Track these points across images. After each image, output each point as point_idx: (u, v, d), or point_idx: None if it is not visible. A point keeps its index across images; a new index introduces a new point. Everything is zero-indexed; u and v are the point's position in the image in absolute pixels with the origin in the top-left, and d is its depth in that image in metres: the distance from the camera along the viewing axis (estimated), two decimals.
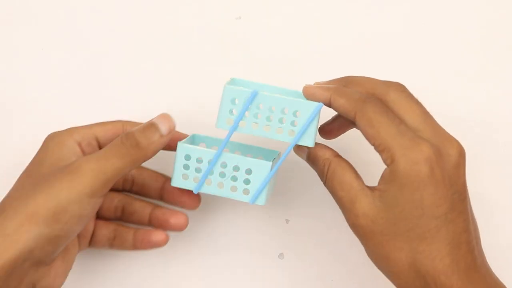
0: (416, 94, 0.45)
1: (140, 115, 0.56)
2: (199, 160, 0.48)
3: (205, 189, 0.48)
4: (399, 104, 0.43)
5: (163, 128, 0.45)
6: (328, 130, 0.50)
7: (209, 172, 0.47)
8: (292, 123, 0.47)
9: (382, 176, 0.42)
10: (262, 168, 0.47)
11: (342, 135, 0.50)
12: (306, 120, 0.46)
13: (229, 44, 0.58)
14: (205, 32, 0.59)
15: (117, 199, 0.51)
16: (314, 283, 0.51)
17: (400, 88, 0.45)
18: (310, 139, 0.47)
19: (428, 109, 0.44)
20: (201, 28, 0.59)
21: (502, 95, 0.56)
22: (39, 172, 0.45)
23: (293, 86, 0.57)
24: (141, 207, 0.51)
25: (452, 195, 0.41)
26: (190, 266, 0.51)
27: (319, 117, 0.47)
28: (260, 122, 0.47)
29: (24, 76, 0.57)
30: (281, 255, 0.52)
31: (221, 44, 0.58)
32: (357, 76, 0.47)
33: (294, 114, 0.47)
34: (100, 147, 0.48)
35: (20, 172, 0.49)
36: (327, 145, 0.47)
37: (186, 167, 0.48)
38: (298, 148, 0.47)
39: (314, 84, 0.47)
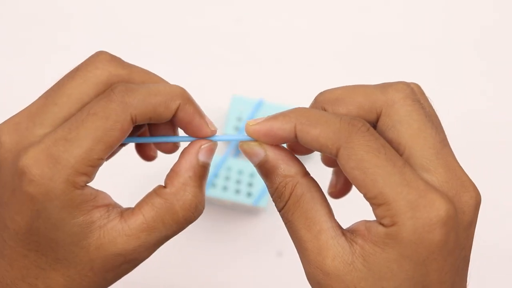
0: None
1: None
2: None
3: (210, 192, 0.49)
4: (405, 123, 0.30)
5: None
6: (337, 192, 0.39)
7: (215, 175, 0.49)
8: None
9: (371, 232, 0.29)
10: None
11: None
12: None
13: (229, 46, 0.59)
14: (205, 34, 0.59)
15: None
16: None
17: (405, 95, 0.31)
18: None
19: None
20: (201, 30, 0.59)
21: (502, 95, 0.57)
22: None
23: (293, 87, 0.57)
24: None
25: (459, 264, 0.30)
26: (188, 265, 0.51)
27: None
28: None
29: (24, 76, 0.57)
30: (279, 254, 0.52)
31: (221, 46, 0.58)
32: (336, 89, 0.32)
33: None
34: None
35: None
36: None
37: None
38: (246, 146, 0.32)
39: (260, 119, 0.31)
